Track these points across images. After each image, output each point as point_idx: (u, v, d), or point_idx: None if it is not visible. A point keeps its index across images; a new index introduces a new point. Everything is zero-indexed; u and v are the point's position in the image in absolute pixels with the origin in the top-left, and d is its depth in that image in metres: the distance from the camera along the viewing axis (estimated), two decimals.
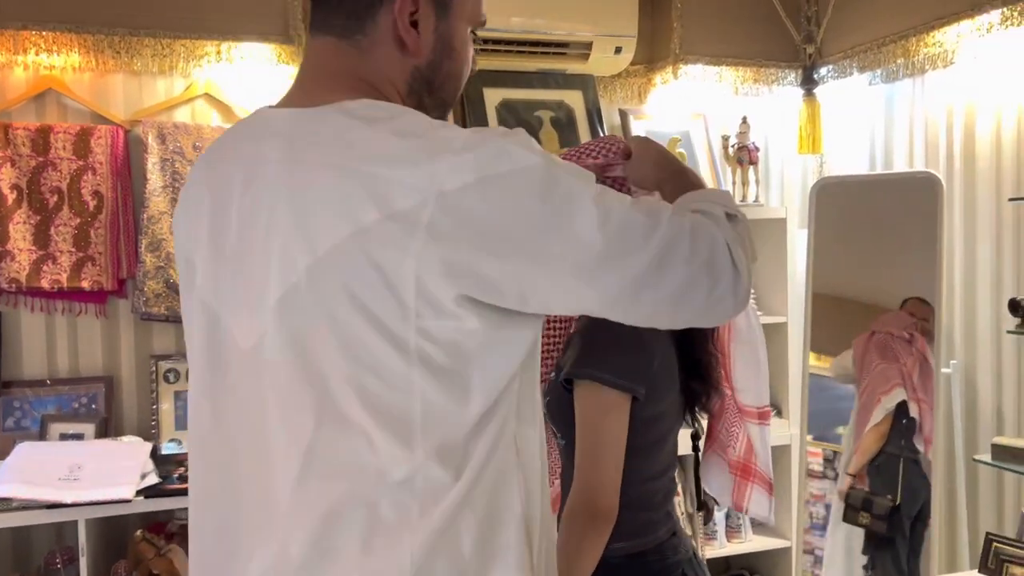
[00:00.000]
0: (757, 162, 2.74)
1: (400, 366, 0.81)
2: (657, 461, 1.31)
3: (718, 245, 0.89)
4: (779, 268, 2.72)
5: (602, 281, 0.84)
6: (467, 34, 0.98)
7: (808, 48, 2.85)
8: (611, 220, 0.84)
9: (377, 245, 0.79)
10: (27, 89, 2.33)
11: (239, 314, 0.88)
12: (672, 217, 0.88)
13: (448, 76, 0.97)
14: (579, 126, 2.75)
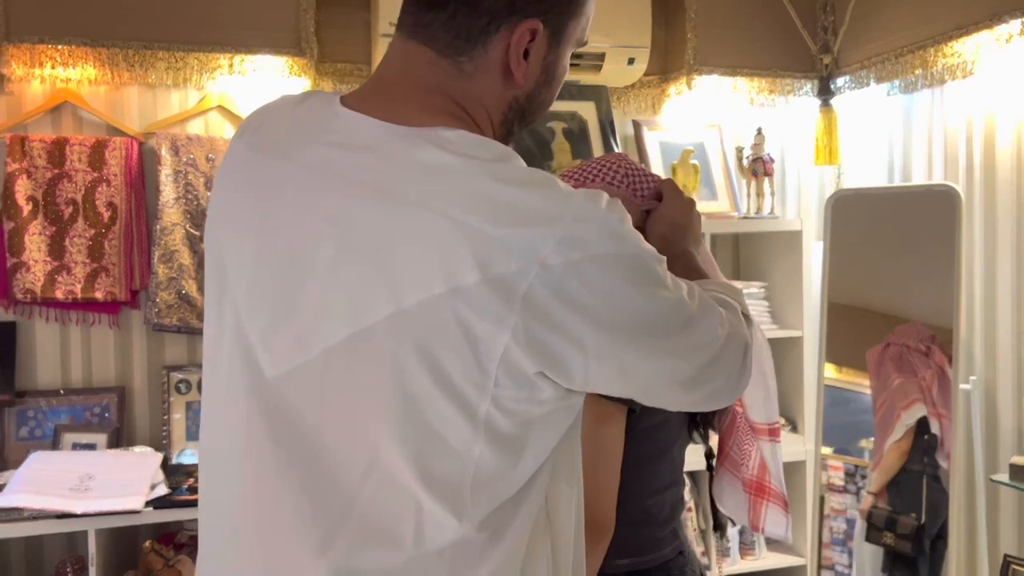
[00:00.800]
0: (772, 173, 2.71)
1: (466, 433, 0.77)
2: (659, 476, 1.29)
3: (739, 349, 0.91)
4: (795, 281, 2.68)
5: (659, 373, 0.85)
6: (568, 59, 0.92)
7: (825, 58, 2.82)
8: (679, 317, 0.84)
9: (471, 308, 0.74)
10: (44, 102, 2.36)
11: (272, 338, 0.82)
12: (718, 321, 0.89)
13: (542, 104, 0.92)
14: (592, 137, 2.73)
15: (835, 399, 2.52)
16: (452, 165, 0.78)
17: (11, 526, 2.03)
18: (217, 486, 0.88)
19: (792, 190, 3.06)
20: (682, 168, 2.63)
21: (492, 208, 0.75)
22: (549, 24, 0.86)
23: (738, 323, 0.95)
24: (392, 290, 0.76)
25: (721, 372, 0.91)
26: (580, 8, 0.89)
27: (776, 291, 2.75)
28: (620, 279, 0.79)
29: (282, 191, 0.83)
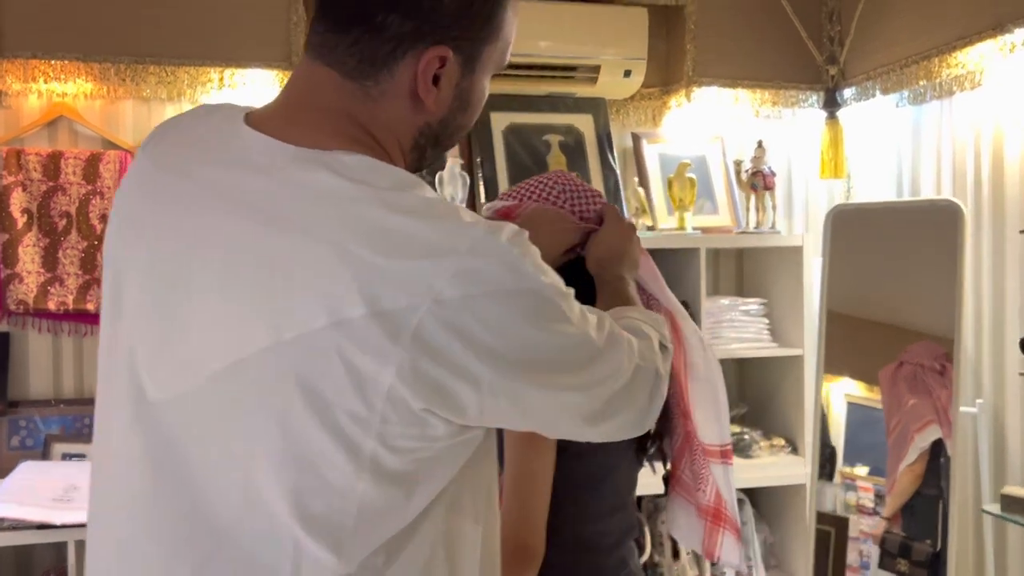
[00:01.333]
0: (773, 187, 2.65)
1: (348, 471, 0.74)
2: (600, 500, 1.25)
3: (649, 380, 0.92)
4: (795, 298, 2.61)
5: (560, 408, 0.83)
6: (487, 83, 0.90)
7: (831, 69, 2.75)
8: (583, 353, 0.82)
9: (354, 344, 0.71)
10: (40, 116, 2.39)
11: (157, 360, 0.79)
12: (627, 354, 0.88)
13: (457, 129, 0.90)
14: (588, 150, 2.69)
15: (865, 418, 2.44)
16: (344, 191, 0.75)
17: None
18: (101, 507, 0.86)
19: (800, 204, 2.98)
20: (678, 182, 2.58)
21: (383, 238, 0.73)
22: (460, 51, 0.83)
23: (651, 354, 0.93)
24: (272, 320, 0.74)
25: (628, 405, 0.89)
26: (495, 34, 0.86)
27: (777, 308, 2.67)
28: (518, 315, 0.76)
29: (176, 209, 0.81)
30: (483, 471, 0.88)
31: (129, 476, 0.81)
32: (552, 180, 1.29)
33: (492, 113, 2.64)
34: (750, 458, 2.59)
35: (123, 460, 0.81)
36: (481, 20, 0.84)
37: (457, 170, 2.40)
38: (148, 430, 0.79)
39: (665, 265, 2.68)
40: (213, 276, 0.77)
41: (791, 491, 2.62)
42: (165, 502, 0.78)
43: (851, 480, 2.52)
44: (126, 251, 0.84)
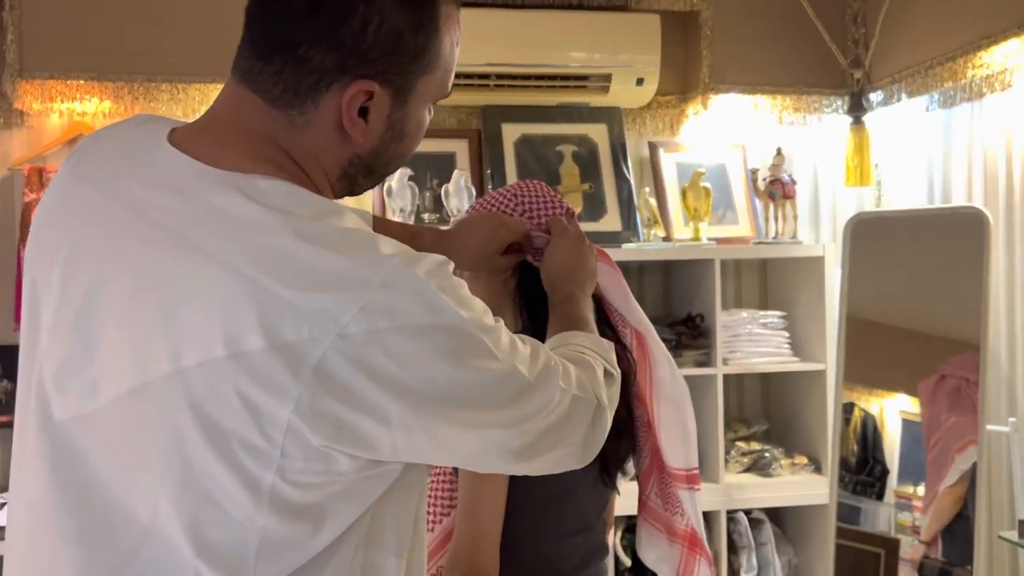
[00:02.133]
0: (793, 196, 2.56)
1: (246, 505, 0.72)
2: (560, 521, 1.21)
3: (590, 411, 0.89)
4: (816, 311, 2.51)
5: (483, 445, 0.81)
6: (424, 114, 0.87)
7: (856, 73, 2.65)
8: (510, 388, 0.80)
9: (252, 377, 0.70)
10: (60, 135, 2.46)
11: (65, 379, 0.78)
12: (561, 387, 0.85)
13: (392, 158, 0.87)
14: (602, 160, 2.65)
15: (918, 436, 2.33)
16: (255, 217, 0.74)
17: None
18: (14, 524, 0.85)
19: (827, 213, 2.88)
20: (692, 191, 2.52)
21: (289, 268, 0.71)
22: (389, 83, 0.80)
23: (592, 383, 0.90)
24: (173, 347, 0.72)
25: (565, 439, 0.86)
26: (430, 65, 0.83)
27: (799, 321, 2.58)
28: (433, 351, 0.74)
29: (92, 225, 0.80)
30: (407, 503, 0.85)
31: (36, 495, 0.80)
32: (513, 189, 1.26)
33: (503, 124, 2.62)
34: (770, 476, 2.50)
35: (30, 478, 0.81)
36: (412, 54, 0.81)
37: (463, 182, 2.39)
38: (53, 449, 0.78)
39: (681, 277, 2.65)
40: (123, 298, 0.76)
41: (816, 511, 2.52)
42: (70, 522, 0.77)
43: (906, 500, 2.41)
44: (42, 267, 0.83)
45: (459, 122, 2.67)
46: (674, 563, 1.32)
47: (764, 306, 2.75)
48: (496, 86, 2.53)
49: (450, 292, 0.75)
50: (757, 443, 2.59)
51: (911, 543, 2.32)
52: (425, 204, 2.52)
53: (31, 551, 0.81)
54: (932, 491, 2.25)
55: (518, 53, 2.47)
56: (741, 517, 2.46)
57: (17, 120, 2.44)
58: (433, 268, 0.75)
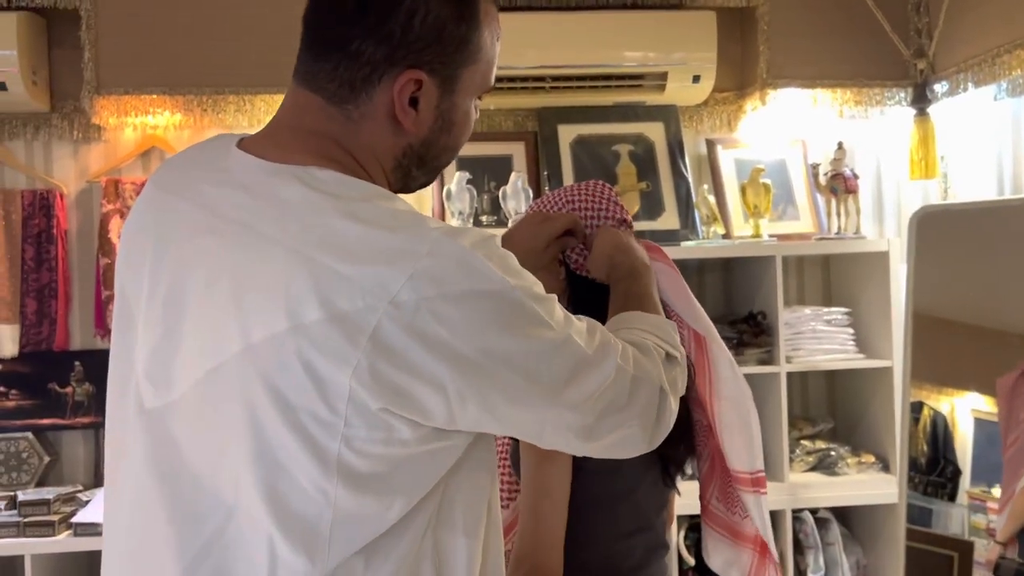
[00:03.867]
0: (856, 191, 2.51)
1: (316, 474, 0.76)
2: (620, 520, 1.21)
3: (653, 395, 0.90)
4: (882, 307, 2.47)
5: (540, 418, 0.83)
6: (471, 106, 0.92)
7: (919, 63, 2.59)
8: (564, 361, 0.81)
9: (314, 346, 0.74)
10: (135, 148, 2.57)
11: (154, 370, 0.84)
12: (620, 364, 0.86)
13: (443, 150, 0.93)
14: (659, 159, 2.65)
15: (992, 435, 2.27)
16: (311, 201, 0.79)
17: (93, 540, 2.19)
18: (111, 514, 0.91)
19: (891, 207, 2.82)
20: (751, 188, 2.49)
21: (342, 245, 0.76)
22: (436, 73, 0.86)
23: (653, 366, 0.90)
24: (242, 326, 0.78)
25: (627, 420, 0.87)
26: (472, 56, 0.88)
27: (864, 317, 2.53)
28: (482, 317, 0.77)
29: (174, 227, 0.86)
30: (477, 484, 0.87)
31: (134, 482, 0.85)
32: (569, 190, 1.28)
33: (559, 125, 2.64)
34: (837, 475, 2.46)
35: (128, 467, 0.87)
36: (455, 44, 0.87)
37: (520, 184, 2.41)
38: (147, 438, 0.84)
39: (743, 275, 2.62)
40: (200, 289, 0.82)
41: (885, 510, 2.47)
42: (163, 507, 0.83)
43: (980, 501, 2.34)
44: (131, 275, 0.90)
45: (515, 124, 2.69)
46: (743, 568, 1.30)
47: (827, 303, 2.71)
48: (552, 88, 2.55)
49: (496, 260, 0.78)
50: (822, 441, 2.55)
51: (986, 546, 2.25)
52: (483, 207, 2.55)
53: (132, 535, 0.86)
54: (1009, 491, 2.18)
55: (573, 54, 2.48)
56: (807, 516, 2.43)
57: (95, 135, 2.56)
58: (477, 239, 0.79)
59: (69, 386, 2.51)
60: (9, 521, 2.20)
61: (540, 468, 1.13)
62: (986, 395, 2.24)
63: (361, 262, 0.75)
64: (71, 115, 2.53)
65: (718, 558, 1.33)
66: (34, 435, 2.46)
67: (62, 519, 2.24)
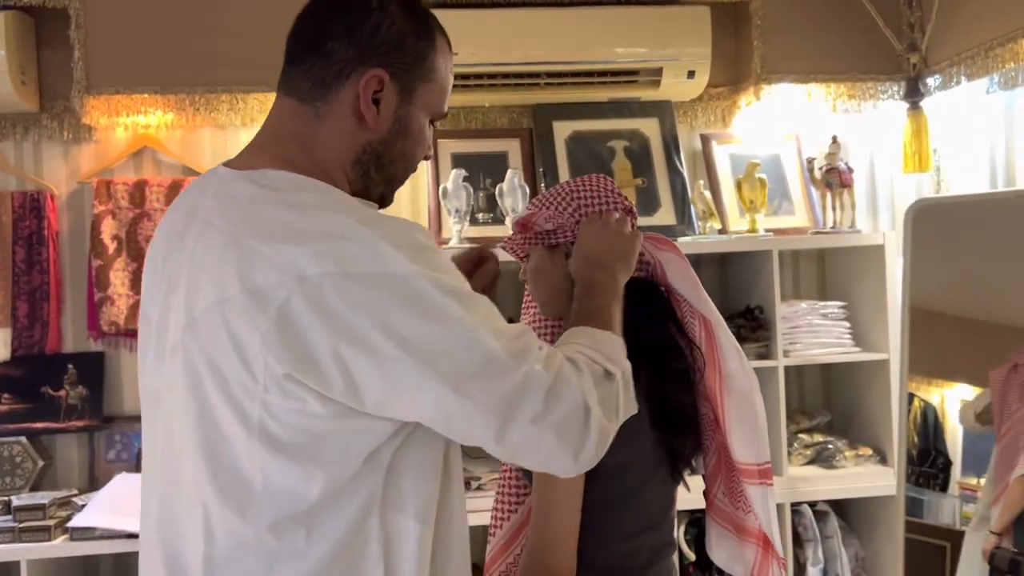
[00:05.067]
0: (851, 184, 2.52)
1: (245, 439, 0.85)
2: (629, 520, 1.20)
3: (576, 410, 0.88)
4: (879, 300, 2.48)
5: (442, 408, 0.85)
6: (425, 122, 1.03)
7: (912, 57, 2.61)
8: (470, 355, 0.84)
9: (235, 316, 0.84)
10: (126, 148, 2.54)
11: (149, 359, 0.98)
12: (537, 372, 0.86)
13: (399, 155, 1.01)
14: (654, 155, 2.65)
15: None
16: (254, 196, 0.90)
17: (89, 544, 2.17)
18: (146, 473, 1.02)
19: (884, 201, 2.84)
20: (747, 182, 2.50)
21: (266, 228, 0.86)
22: (396, 78, 0.98)
23: (579, 382, 0.89)
24: (188, 302, 0.90)
25: (544, 433, 0.87)
26: (428, 74, 1.00)
27: (860, 310, 2.54)
28: (381, 297, 0.82)
29: (170, 235, 0.98)
30: (426, 469, 0.91)
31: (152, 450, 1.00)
32: (569, 185, 1.27)
33: (554, 122, 2.64)
34: (835, 468, 2.47)
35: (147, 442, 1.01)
36: (413, 56, 0.99)
37: (516, 181, 2.40)
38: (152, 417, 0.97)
39: (739, 269, 2.63)
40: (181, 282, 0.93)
41: (882, 502, 2.49)
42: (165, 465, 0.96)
43: (971, 491, 2.36)
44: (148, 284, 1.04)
45: (510, 121, 2.69)
46: (747, 563, 1.30)
47: (823, 296, 2.72)
48: (546, 84, 2.54)
49: (406, 250, 0.84)
50: (820, 435, 2.56)
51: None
52: (479, 204, 2.54)
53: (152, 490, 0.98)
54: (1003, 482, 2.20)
55: (567, 51, 2.47)
56: (806, 510, 2.44)
57: (85, 135, 2.53)
58: (396, 228, 0.86)
59: (62, 389, 2.48)
60: (4, 527, 2.18)
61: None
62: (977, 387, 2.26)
63: (277, 241, 0.84)
64: (61, 115, 2.50)
65: (722, 553, 1.33)
66: (27, 439, 2.43)
67: (58, 524, 2.21)
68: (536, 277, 1.27)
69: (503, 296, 2.62)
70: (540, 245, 1.25)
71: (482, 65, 2.45)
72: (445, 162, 2.57)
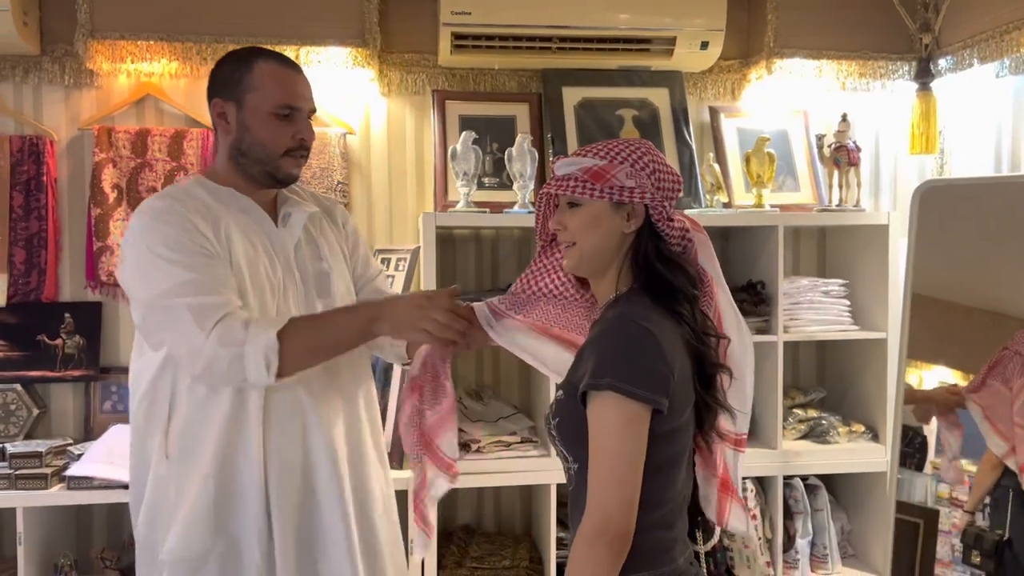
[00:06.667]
0: (858, 163, 2.53)
1: None
2: (673, 483, 1.23)
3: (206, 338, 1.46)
4: (880, 280, 2.49)
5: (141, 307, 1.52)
6: (266, 117, 1.55)
7: (924, 38, 2.60)
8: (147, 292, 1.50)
9: None
10: (128, 95, 2.49)
11: None
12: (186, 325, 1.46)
13: (252, 144, 1.57)
14: (663, 125, 2.63)
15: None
16: None
17: (85, 493, 2.17)
18: None
19: (887, 181, 2.84)
20: (756, 157, 2.49)
21: None
22: (229, 99, 1.59)
23: (219, 331, 1.44)
24: None
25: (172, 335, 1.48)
26: (251, 87, 1.56)
27: (860, 289, 2.56)
28: (125, 250, 1.55)
29: None
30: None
31: None
32: (634, 145, 1.28)
33: (564, 88, 2.61)
34: (828, 443, 2.50)
35: None
36: (234, 83, 1.57)
37: (526, 146, 2.38)
38: None
39: (742, 243, 2.63)
40: None
41: (871, 479, 2.53)
42: None
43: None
44: None
45: (519, 85, 2.66)
46: (713, 503, 1.35)
47: (821, 273, 2.73)
48: (558, 49, 2.51)
49: (141, 216, 1.55)
50: (814, 410, 2.59)
51: (948, 514, 2.32)
52: (485, 168, 2.52)
53: None
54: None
55: (581, 15, 2.44)
56: (797, 483, 2.47)
57: (87, 80, 2.48)
58: (148, 207, 1.56)
59: (59, 338, 2.46)
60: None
61: (622, 434, 1.13)
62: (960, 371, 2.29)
63: None
64: (62, 59, 2.45)
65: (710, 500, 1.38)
66: (22, 387, 2.42)
67: (54, 472, 2.20)
68: (588, 228, 1.26)
69: (505, 260, 2.62)
70: (607, 198, 1.25)
71: (493, 26, 2.42)
72: (452, 123, 2.55)
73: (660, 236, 1.28)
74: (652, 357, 1.16)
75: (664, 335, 1.19)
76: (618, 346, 1.17)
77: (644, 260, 1.26)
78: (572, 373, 1.25)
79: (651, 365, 1.16)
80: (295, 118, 1.56)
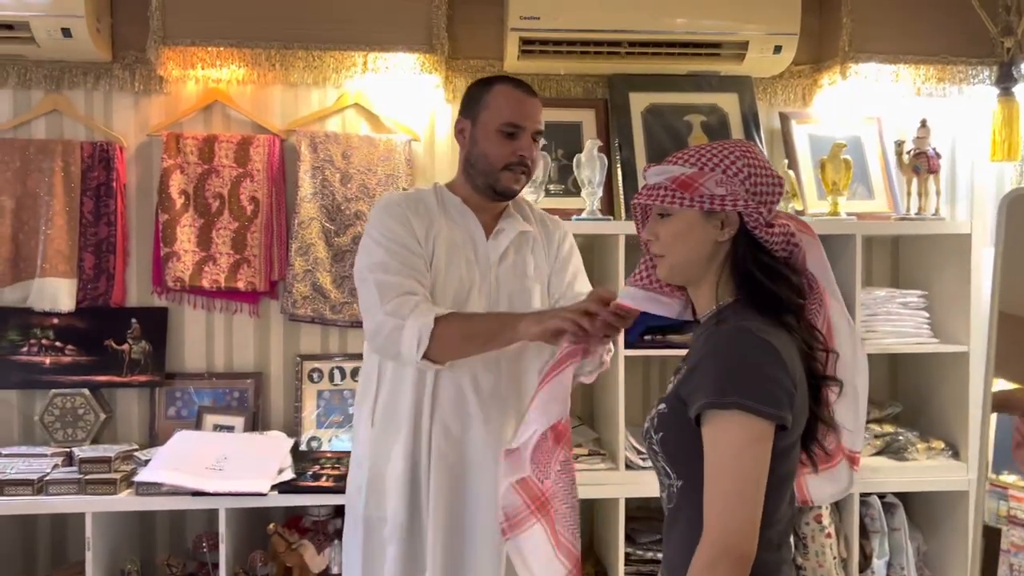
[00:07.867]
0: (938, 170, 2.44)
1: None
2: (785, 498, 1.18)
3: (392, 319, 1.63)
4: (961, 291, 2.41)
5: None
6: (492, 133, 1.69)
7: (1006, 41, 2.51)
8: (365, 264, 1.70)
9: None
10: (196, 102, 2.50)
11: None
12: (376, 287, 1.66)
13: (478, 157, 1.72)
14: (732, 131, 2.57)
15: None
16: None
17: (153, 499, 2.16)
18: None
19: (964, 189, 2.75)
20: (831, 164, 2.42)
21: None
22: (467, 117, 1.76)
23: (396, 305, 1.63)
24: None
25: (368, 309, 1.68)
26: (485, 105, 1.72)
27: (939, 301, 2.47)
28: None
29: None
30: None
31: None
32: (730, 147, 1.22)
33: (631, 93, 2.57)
34: (905, 460, 2.41)
35: None
36: (474, 102, 1.76)
37: (595, 152, 2.34)
38: None
39: None
40: None
41: (949, 498, 2.43)
42: None
43: (1002, 488, 2.31)
44: None
45: (585, 91, 2.62)
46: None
47: (895, 284, 2.65)
48: (627, 54, 2.47)
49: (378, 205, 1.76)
50: (889, 425, 2.50)
51: (1007, 532, 2.24)
52: (551, 175, 2.48)
53: None
54: None
55: (650, 19, 2.40)
56: (874, 501, 2.39)
57: (156, 87, 2.49)
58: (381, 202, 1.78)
59: (126, 343, 2.47)
60: (68, 478, 2.17)
61: (748, 453, 1.08)
62: None
63: None
64: (132, 66, 2.47)
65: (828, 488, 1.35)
66: (90, 392, 2.43)
67: (123, 478, 2.20)
68: (679, 238, 1.22)
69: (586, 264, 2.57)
70: (697, 207, 1.20)
71: (561, 31, 2.39)
72: None
73: (758, 243, 1.22)
74: (776, 371, 1.11)
75: (784, 348, 1.13)
76: (740, 361, 1.12)
77: (743, 269, 1.21)
78: (680, 387, 1.20)
79: (775, 380, 1.11)
80: (519, 136, 1.68)
